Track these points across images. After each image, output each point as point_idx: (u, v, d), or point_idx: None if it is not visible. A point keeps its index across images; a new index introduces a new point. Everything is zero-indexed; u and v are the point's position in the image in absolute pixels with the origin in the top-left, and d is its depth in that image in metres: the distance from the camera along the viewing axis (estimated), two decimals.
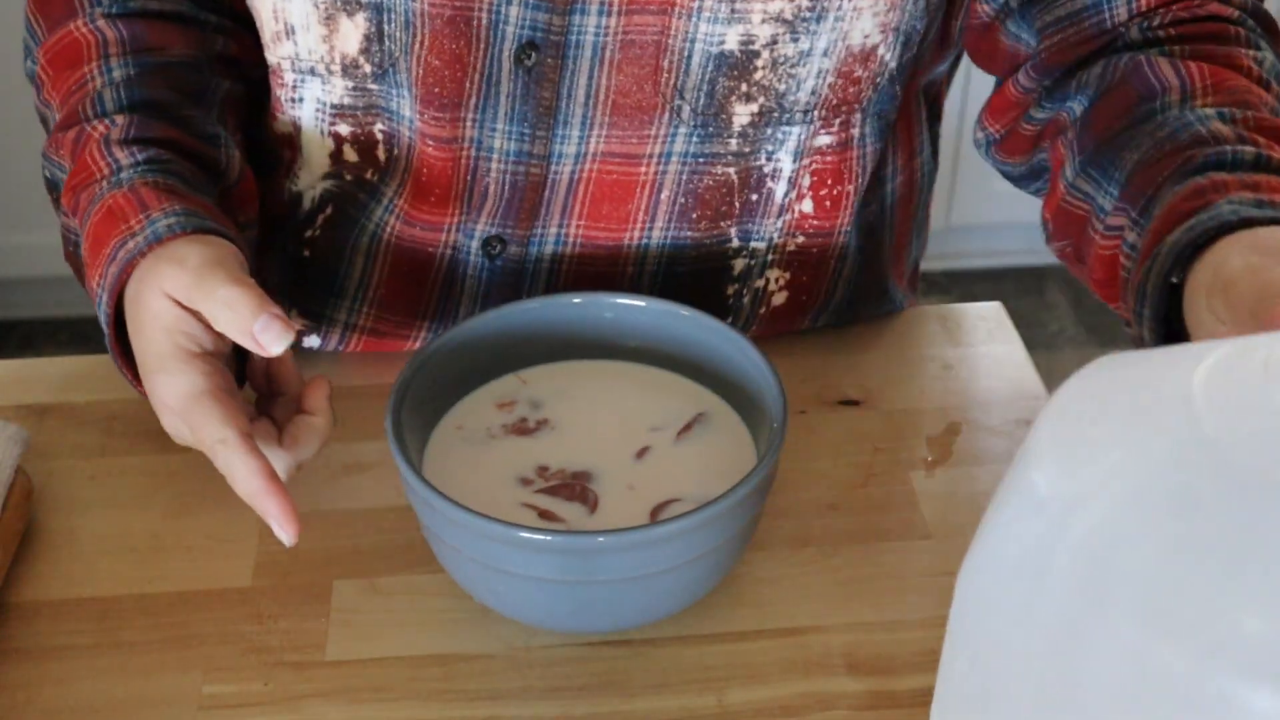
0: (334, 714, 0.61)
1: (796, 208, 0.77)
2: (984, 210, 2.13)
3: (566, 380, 0.71)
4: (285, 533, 0.59)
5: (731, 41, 0.68)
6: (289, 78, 0.74)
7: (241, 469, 0.59)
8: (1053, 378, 0.77)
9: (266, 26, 0.73)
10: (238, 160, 0.72)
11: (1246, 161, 0.60)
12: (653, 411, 0.69)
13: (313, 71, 0.73)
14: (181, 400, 0.61)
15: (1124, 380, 0.39)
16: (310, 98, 0.74)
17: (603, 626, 0.64)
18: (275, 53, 0.74)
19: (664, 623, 0.64)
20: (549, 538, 0.58)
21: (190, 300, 0.60)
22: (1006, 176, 0.79)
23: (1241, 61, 0.67)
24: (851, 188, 0.77)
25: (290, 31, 0.72)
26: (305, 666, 0.63)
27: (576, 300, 0.71)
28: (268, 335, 0.58)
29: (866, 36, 0.70)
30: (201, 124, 0.71)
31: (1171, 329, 0.58)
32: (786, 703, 0.61)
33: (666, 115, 0.71)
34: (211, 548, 0.69)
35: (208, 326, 0.60)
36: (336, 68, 0.72)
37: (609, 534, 0.58)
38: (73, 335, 2.11)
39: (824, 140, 0.74)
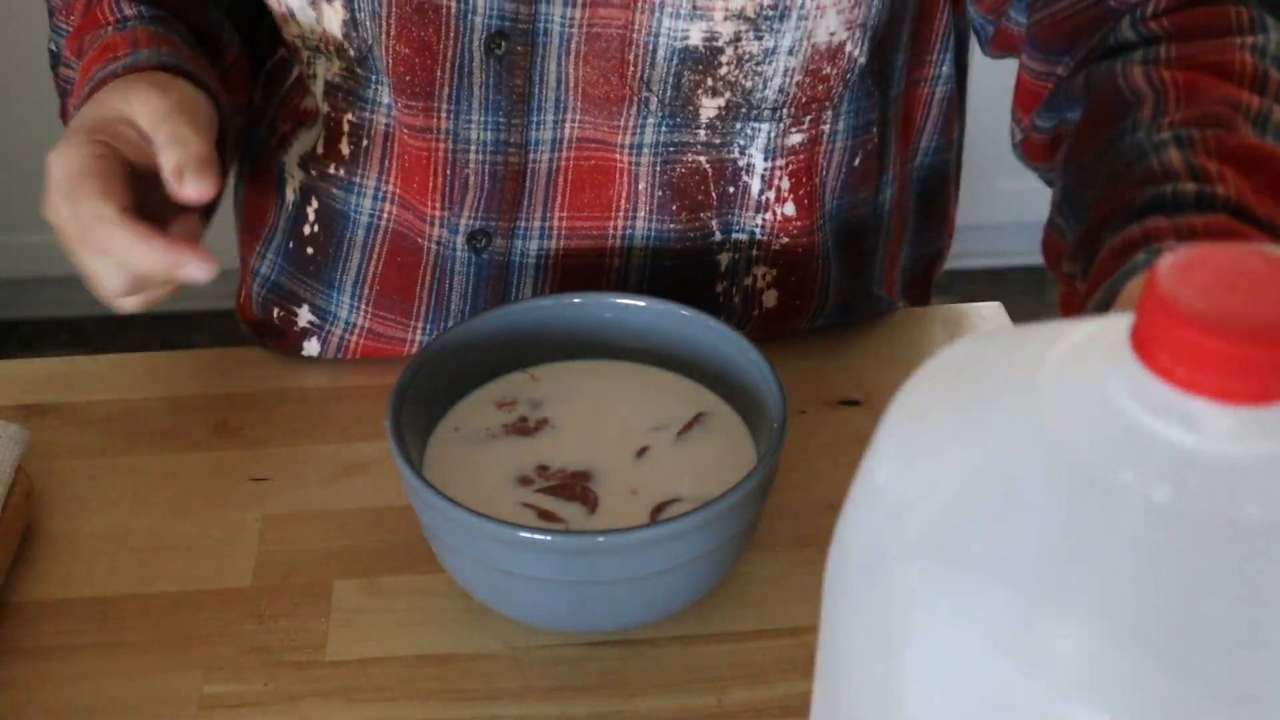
0: (334, 714, 0.61)
1: (779, 210, 0.77)
2: (985, 210, 2.13)
3: (567, 380, 0.71)
4: (207, 267, 0.61)
5: (695, 37, 0.69)
6: (304, 55, 0.76)
7: (122, 238, 0.60)
8: None
9: (274, 10, 0.75)
10: (236, 45, 0.77)
11: (1188, 201, 0.55)
12: (653, 411, 0.69)
13: (318, 50, 0.75)
14: (68, 173, 0.62)
15: (976, 364, 0.37)
16: (320, 75, 0.76)
17: (603, 626, 0.64)
18: (287, 33, 0.76)
19: (664, 623, 0.64)
20: (549, 538, 0.58)
21: (153, 123, 0.63)
22: (1042, 179, 0.77)
23: (1233, 56, 0.62)
24: (818, 180, 0.77)
25: (291, 14, 0.73)
26: (305, 666, 0.63)
27: (577, 300, 0.71)
28: (192, 183, 0.62)
29: (832, 34, 0.70)
30: (206, 10, 0.76)
31: None
32: (786, 703, 0.61)
33: (634, 106, 0.72)
34: (211, 548, 0.69)
35: (133, 143, 0.64)
36: (332, 49, 0.73)
37: (609, 534, 0.58)
38: (73, 335, 2.11)
39: (795, 139, 0.75)
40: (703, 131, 0.73)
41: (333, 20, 0.72)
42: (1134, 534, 0.31)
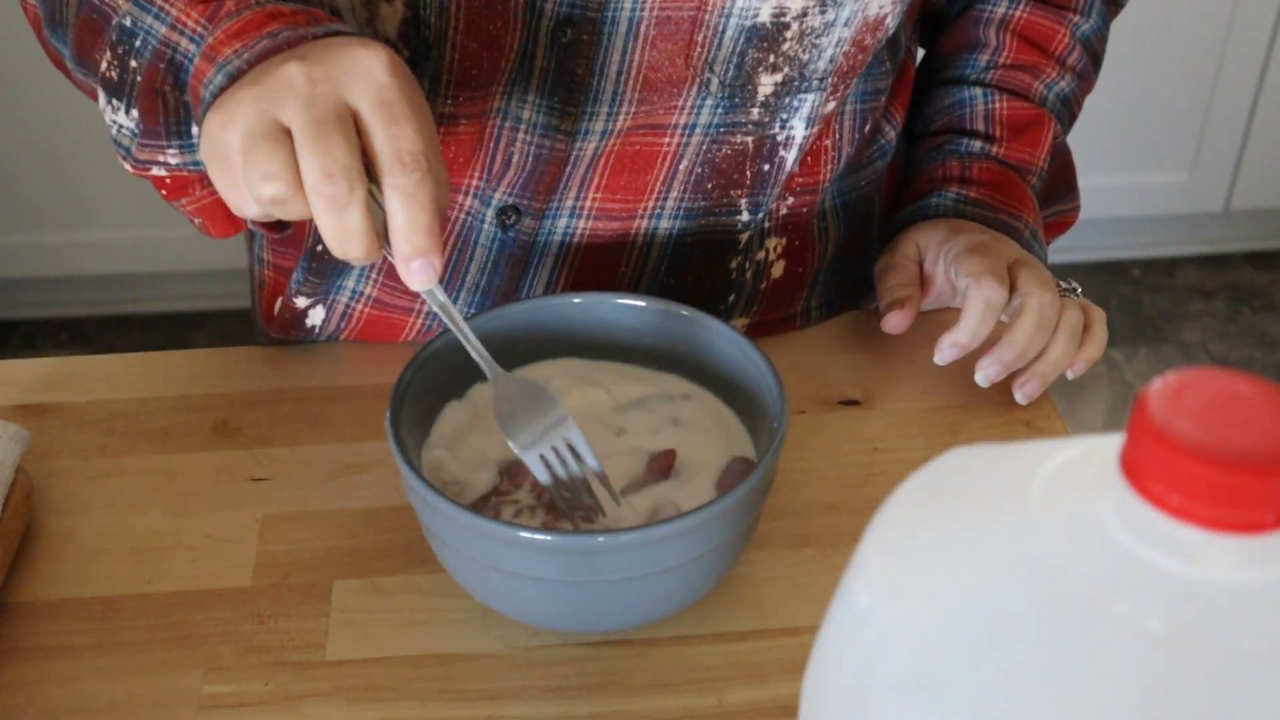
0: (334, 714, 0.61)
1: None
2: None
3: (566, 377, 0.71)
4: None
5: (765, 14, 0.70)
6: None
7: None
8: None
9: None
10: None
11: (974, 152, 0.85)
12: (651, 410, 0.69)
13: None
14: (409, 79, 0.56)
15: (962, 482, 0.37)
16: None
17: (603, 626, 0.64)
18: None
19: (664, 623, 0.64)
20: (549, 538, 0.58)
21: (409, 101, 0.55)
22: None
23: (1058, 31, 0.87)
24: (829, 142, 0.80)
25: (337, 14, 0.72)
26: (305, 666, 0.63)
27: (577, 300, 0.71)
28: (418, 270, 0.56)
29: (881, 7, 0.73)
30: None
31: None
32: (786, 703, 0.61)
33: (695, 88, 0.72)
34: (211, 548, 0.69)
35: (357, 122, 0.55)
36: None
37: (609, 534, 0.58)
38: (73, 335, 2.11)
39: (830, 106, 0.77)
40: (756, 110, 0.74)
41: (390, 20, 0.70)
42: (1128, 665, 0.30)
